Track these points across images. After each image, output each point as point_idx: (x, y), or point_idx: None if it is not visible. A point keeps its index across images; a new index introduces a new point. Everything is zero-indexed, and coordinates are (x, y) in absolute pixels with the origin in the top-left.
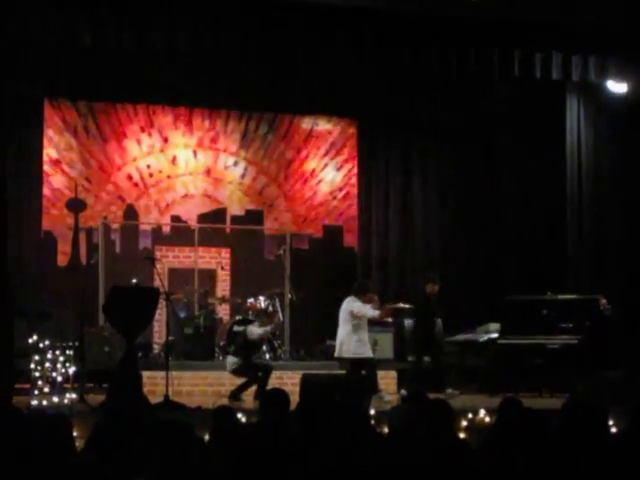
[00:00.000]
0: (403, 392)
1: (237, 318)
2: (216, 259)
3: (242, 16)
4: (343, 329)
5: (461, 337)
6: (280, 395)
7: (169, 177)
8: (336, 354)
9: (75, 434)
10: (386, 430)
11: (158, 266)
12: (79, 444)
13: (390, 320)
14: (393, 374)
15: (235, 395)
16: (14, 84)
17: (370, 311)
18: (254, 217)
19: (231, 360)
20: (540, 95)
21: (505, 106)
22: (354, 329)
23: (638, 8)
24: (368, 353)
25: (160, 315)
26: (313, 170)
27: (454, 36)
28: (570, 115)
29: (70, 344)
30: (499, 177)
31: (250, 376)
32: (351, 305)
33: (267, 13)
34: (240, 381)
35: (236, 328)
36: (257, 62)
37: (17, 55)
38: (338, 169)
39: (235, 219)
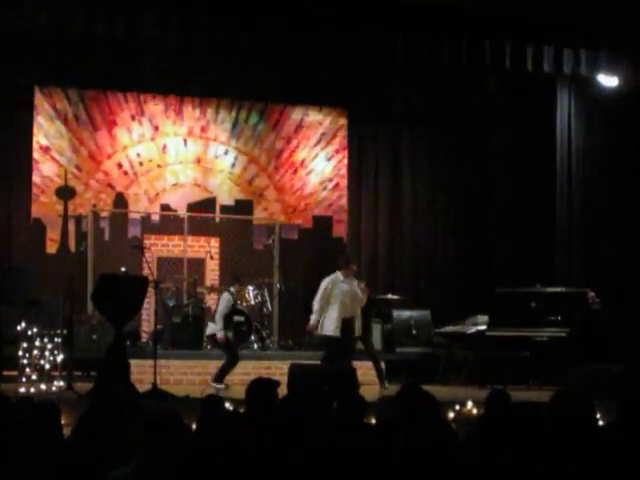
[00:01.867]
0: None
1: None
2: (205, 248)
3: (233, 5)
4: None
5: (449, 329)
6: (268, 384)
7: (159, 166)
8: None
9: (63, 422)
10: (373, 421)
11: (147, 255)
12: (66, 432)
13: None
14: (381, 365)
15: (219, 379)
16: (4, 71)
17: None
18: (244, 207)
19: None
20: (531, 88)
21: (496, 98)
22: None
23: (629, 2)
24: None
25: (149, 304)
26: (303, 160)
27: (446, 27)
28: (561, 108)
29: (58, 332)
30: (489, 169)
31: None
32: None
33: (257, 2)
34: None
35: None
36: (248, 51)
37: (7, 42)
38: (328, 159)
39: (225, 209)
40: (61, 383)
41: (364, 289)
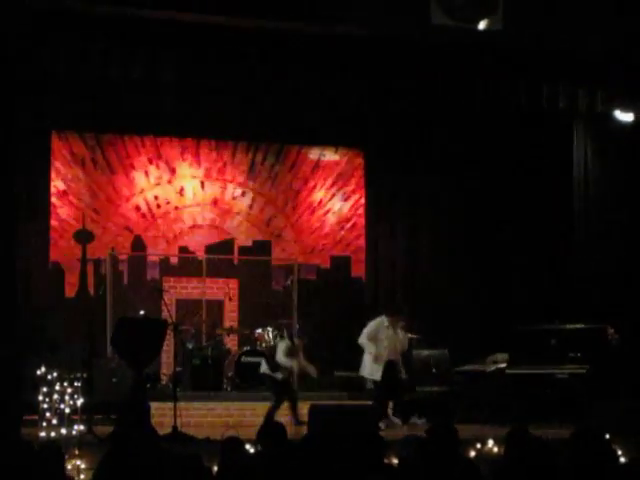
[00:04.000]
0: (416, 420)
1: (245, 349)
2: (224, 290)
3: (247, 48)
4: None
5: (469, 367)
6: (277, 427)
7: (177, 208)
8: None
9: (84, 466)
10: (394, 460)
11: (166, 297)
12: (87, 476)
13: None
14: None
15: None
16: (21, 116)
17: None
18: (262, 248)
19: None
20: (547, 125)
21: (512, 136)
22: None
23: None
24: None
25: (168, 346)
26: (320, 201)
27: (460, 66)
28: (577, 145)
29: (78, 375)
30: (507, 207)
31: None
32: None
33: (272, 45)
34: None
35: (244, 359)
36: (263, 93)
37: (24, 89)
38: (345, 199)
39: (243, 250)
40: (81, 427)
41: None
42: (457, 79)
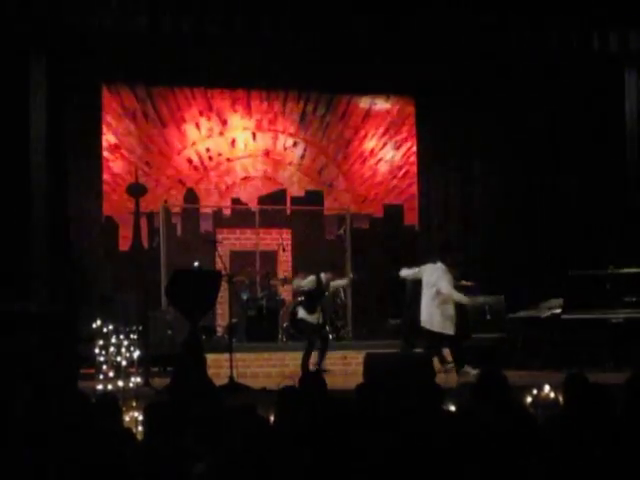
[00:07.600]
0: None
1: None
2: (277, 240)
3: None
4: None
5: (524, 313)
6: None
7: (229, 160)
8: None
9: (141, 418)
10: (451, 407)
11: (219, 249)
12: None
13: None
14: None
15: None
16: (72, 71)
17: (458, 295)
18: (314, 198)
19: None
20: (598, 69)
21: (564, 82)
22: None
23: None
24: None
25: (223, 298)
26: (372, 149)
27: (511, 9)
28: (629, 87)
29: (134, 328)
30: (560, 153)
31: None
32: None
33: None
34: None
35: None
36: (313, 43)
37: (75, 41)
38: (397, 148)
39: (295, 200)
40: (138, 379)
41: None
42: (508, 23)
